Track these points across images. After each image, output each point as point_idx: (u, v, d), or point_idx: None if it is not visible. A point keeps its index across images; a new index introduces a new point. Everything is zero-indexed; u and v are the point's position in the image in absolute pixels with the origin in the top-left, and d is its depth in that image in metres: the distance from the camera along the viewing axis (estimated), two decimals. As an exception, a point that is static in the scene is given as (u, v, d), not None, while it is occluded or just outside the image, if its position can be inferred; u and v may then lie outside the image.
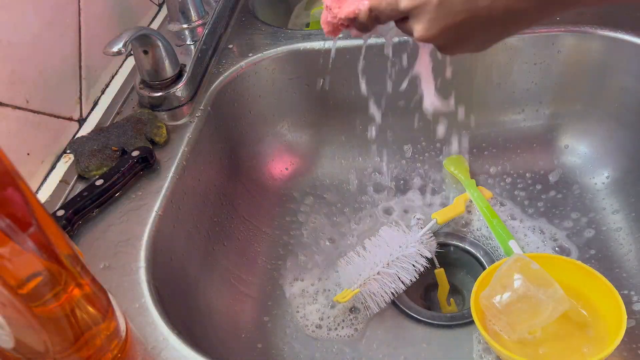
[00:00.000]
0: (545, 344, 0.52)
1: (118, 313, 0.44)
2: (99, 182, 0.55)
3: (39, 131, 0.59)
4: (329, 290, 0.64)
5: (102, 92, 0.70)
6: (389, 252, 0.61)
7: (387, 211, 0.72)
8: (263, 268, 0.67)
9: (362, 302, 0.61)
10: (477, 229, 0.69)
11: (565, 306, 0.52)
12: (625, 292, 0.60)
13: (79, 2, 0.65)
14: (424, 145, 0.77)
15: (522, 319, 0.51)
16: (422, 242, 0.62)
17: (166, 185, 0.57)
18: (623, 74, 0.69)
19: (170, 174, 0.58)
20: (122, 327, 0.44)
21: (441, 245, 0.66)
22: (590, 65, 0.71)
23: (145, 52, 0.62)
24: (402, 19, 0.41)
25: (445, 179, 0.75)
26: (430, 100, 0.48)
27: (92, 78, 0.68)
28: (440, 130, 0.58)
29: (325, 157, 0.79)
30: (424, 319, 0.61)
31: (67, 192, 0.58)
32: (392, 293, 0.60)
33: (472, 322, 0.56)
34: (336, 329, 0.61)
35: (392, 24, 0.43)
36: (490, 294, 0.53)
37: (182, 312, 0.53)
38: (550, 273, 0.53)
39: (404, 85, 0.54)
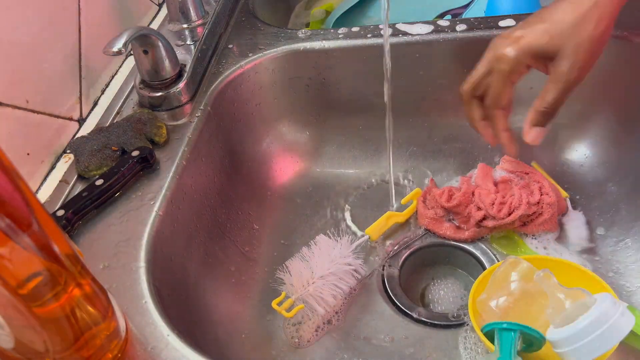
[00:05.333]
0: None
1: (118, 313, 0.44)
2: (99, 182, 0.55)
3: (39, 131, 0.59)
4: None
5: (102, 92, 0.70)
6: (328, 260, 0.60)
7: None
8: (263, 268, 0.67)
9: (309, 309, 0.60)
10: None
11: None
12: (625, 293, 0.60)
13: (79, 2, 0.65)
14: (424, 145, 0.77)
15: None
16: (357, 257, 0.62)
17: (166, 185, 0.57)
18: (624, 74, 0.69)
19: (170, 174, 0.58)
20: (122, 327, 0.44)
21: (441, 245, 0.66)
22: (590, 65, 0.71)
23: (145, 52, 0.62)
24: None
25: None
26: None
27: (92, 78, 0.68)
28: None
29: (325, 157, 0.79)
30: (423, 319, 0.60)
31: (67, 192, 0.58)
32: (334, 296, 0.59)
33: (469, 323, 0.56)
34: (337, 328, 0.61)
35: None
36: (487, 297, 0.53)
37: (182, 312, 0.53)
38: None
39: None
